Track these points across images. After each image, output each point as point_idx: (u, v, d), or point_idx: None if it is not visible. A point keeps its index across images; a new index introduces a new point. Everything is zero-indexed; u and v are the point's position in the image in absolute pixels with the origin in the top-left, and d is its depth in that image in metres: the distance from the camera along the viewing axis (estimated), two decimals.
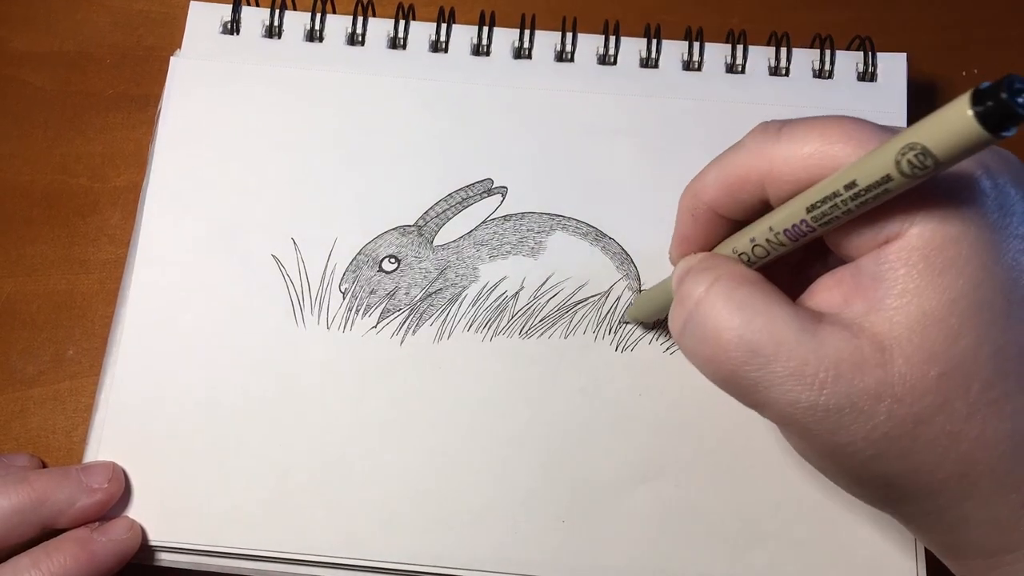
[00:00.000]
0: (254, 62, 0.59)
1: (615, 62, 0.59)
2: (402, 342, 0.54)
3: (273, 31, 0.60)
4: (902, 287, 0.37)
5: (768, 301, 0.39)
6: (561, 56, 0.60)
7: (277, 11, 0.60)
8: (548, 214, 0.56)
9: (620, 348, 0.54)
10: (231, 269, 0.55)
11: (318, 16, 0.60)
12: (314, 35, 0.60)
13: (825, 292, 0.40)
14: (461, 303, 0.55)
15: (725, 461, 0.52)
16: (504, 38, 0.60)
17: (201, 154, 0.57)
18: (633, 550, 0.51)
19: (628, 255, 0.55)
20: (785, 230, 0.40)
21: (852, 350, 0.37)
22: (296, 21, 0.60)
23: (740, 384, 0.40)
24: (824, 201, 0.37)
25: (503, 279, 0.55)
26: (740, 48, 0.59)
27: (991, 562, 0.40)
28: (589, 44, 0.60)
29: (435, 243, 0.55)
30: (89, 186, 0.60)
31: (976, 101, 0.31)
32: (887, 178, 0.34)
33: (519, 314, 0.54)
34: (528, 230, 0.56)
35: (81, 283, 0.58)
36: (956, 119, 0.32)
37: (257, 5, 0.61)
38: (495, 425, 0.52)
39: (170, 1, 0.65)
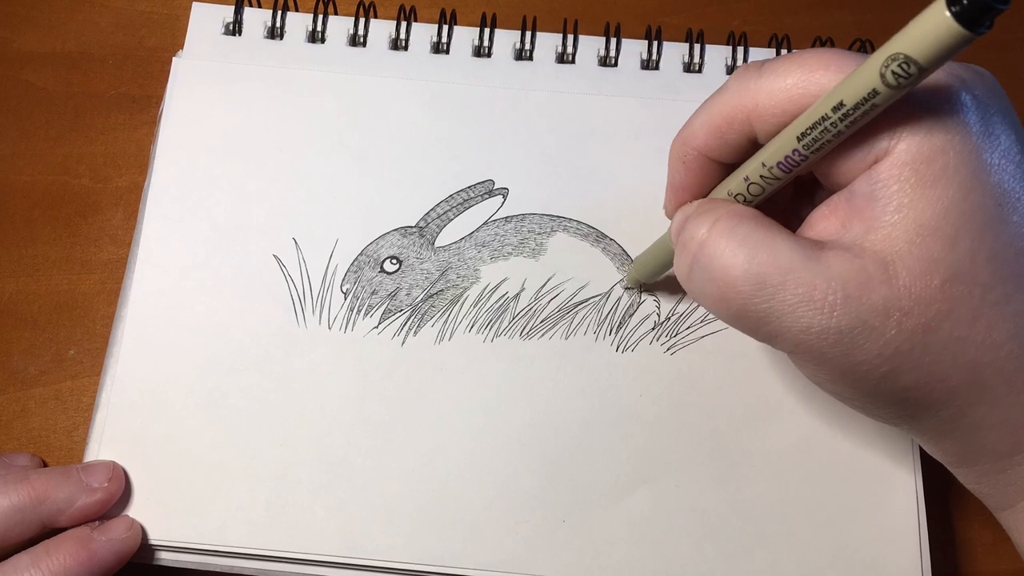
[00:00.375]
0: (256, 63, 0.58)
1: (616, 64, 0.58)
2: (403, 343, 0.53)
3: (275, 32, 0.59)
4: (896, 202, 0.37)
5: (770, 234, 0.40)
6: (562, 58, 0.59)
7: (279, 12, 0.59)
8: (549, 215, 0.55)
9: (621, 349, 0.53)
10: (233, 269, 0.54)
11: (320, 17, 0.60)
12: (316, 36, 0.59)
13: (822, 222, 0.41)
14: (462, 304, 0.54)
15: (726, 461, 0.51)
16: (505, 40, 0.59)
17: (203, 154, 0.56)
18: (634, 550, 0.50)
19: (629, 256, 0.55)
20: (778, 163, 0.40)
21: (857, 270, 0.37)
22: (298, 22, 0.60)
23: (752, 318, 0.40)
24: (813, 127, 0.37)
25: (504, 280, 0.54)
26: (741, 50, 0.59)
27: (1001, 464, 0.41)
28: (590, 46, 0.59)
29: (436, 244, 0.55)
30: (91, 186, 0.59)
31: (951, 2, 0.31)
32: (873, 92, 0.35)
33: (520, 315, 0.53)
34: (529, 231, 0.55)
35: (82, 283, 0.57)
36: (934, 22, 0.32)
37: (259, 6, 0.60)
38: (496, 425, 0.51)
39: (172, 2, 0.64)
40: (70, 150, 0.60)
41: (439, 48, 0.59)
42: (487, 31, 0.59)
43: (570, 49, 0.59)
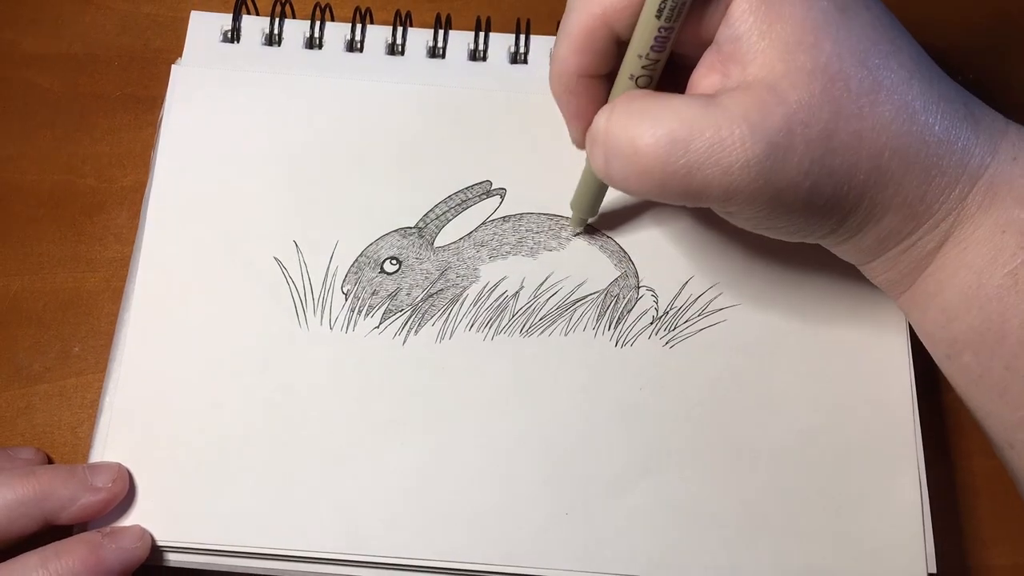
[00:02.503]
0: (254, 69, 0.54)
1: None
2: (404, 342, 0.49)
3: (273, 39, 0.55)
4: (758, 31, 0.38)
5: (664, 99, 0.40)
6: None
7: (277, 19, 0.55)
8: (546, 214, 0.51)
9: (620, 344, 0.49)
10: (234, 272, 0.50)
11: (317, 24, 0.55)
12: (313, 42, 0.55)
13: (704, 80, 0.41)
14: (462, 303, 0.50)
15: (728, 453, 0.47)
16: (500, 43, 0.56)
17: (203, 160, 0.52)
18: (637, 543, 0.46)
19: (626, 253, 0.51)
20: (651, 47, 0.40)
21: (751, 100, 0.38)
22: (295, 29, 0.55)
23: (675, 179, 0.39)
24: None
25: (503, 279, 0.50)
26: None
27: (904, 244, 0.42)
28: None
29: (436, 244, 0.51)
30: (96, 186, 0.55)
31: None
32: None
33: (519, 313, 0.49)
34: (527, 230, 0.51)
35: (87, 281, 0.53)
36: None
37: (257, 13, 0.56)
38: (498, 422, 0.47)
39: (177, 5, 0.59)
40: (75, 150, 0.56)
41: (435, 52, 0.55)
42: (482, 35, 0.55)
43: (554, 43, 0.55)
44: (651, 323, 0.49)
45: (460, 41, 0.55)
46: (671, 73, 0.43)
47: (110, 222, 0.54)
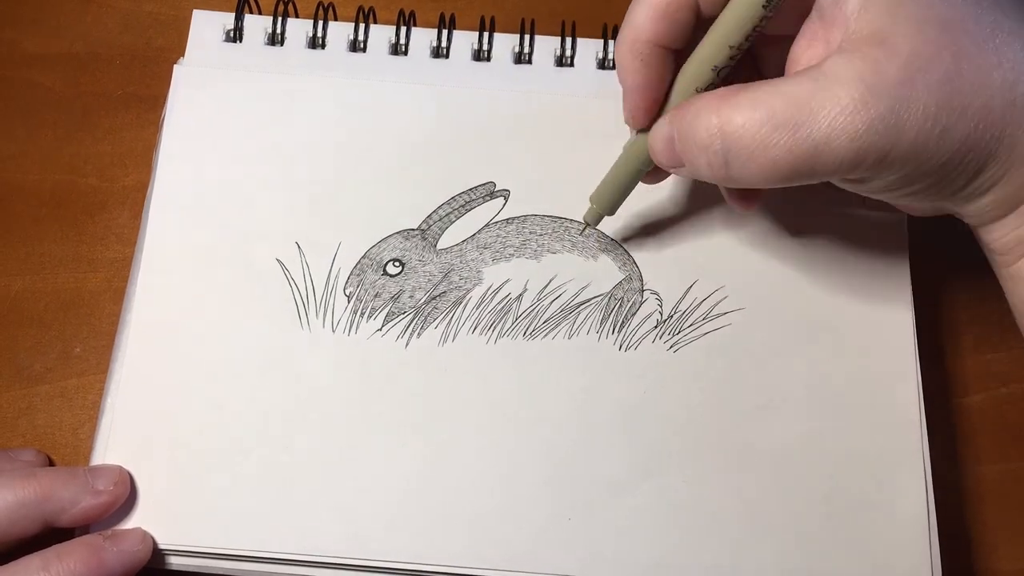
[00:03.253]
0: (257, 69, 0.54)
1: (614, 66, 0.53)
2: (407, 344, 0.48)
3: (275, 38, 0.55)
4: None
5: (770, 85, 0.38)
6: (561, 60, 0.54)
7: (279, 19, 0.55)
8: (551, 216, 0.51)
9: (624, 347, 0.48)
10: (236, 274, 0.49)
11: (320, 23, 0.55)
12: (316, 42, 0.55)
13: (806, 52, 0.40)
14: (465, 306, 0.49)
15: (730, 455, 0.47)
16: (504, 43, 0.55)
17: (205, 160, 0.51)
18: (640, 546, 0.45)
19: (630, 256, 0.50)
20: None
21: (861, 60, 0.36)
22: (298, 28, 0.55)
23: (804, 161, 0.37)
24: None
25: (507, 281, 0.49)
26: None
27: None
28: (588, 48, 0.55)
29: (439, 247, 0.50)
30: (98, 185, 0.55)
31: None
32: None
33: (523, 316, 0.49)
34: (531, 233, 0.50)
35: (89, 281, 0.52)
36: None
37: (259, 13, 0.55)
38: (500, 425, 0.47)
39: (179, 4, 0.59)
40: (77, 149, 0.55)
41: (439, 52, 0.55)
42: (486, 35, 0.55)
43: (568, 51, 0.54)
44: (655, 327, 0.49)
45: (464, 41, 0.55)
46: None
47: (112, 222, 0.54)
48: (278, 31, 0.55)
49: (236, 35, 0.54)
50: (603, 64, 0.54)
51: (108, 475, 0.45)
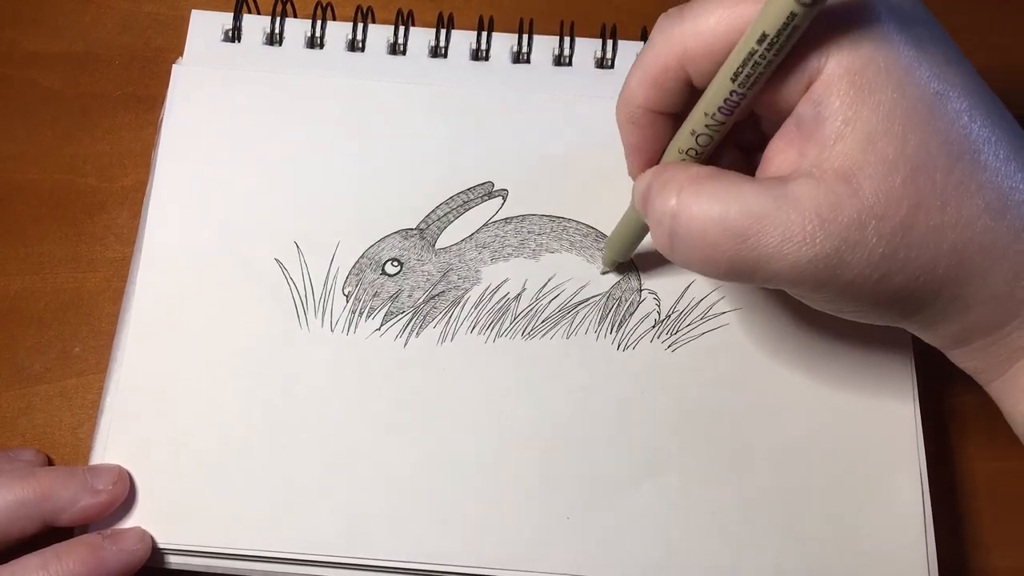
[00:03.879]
0: (256, 69, 0.53)
1: (612, 65, 0.54)
2: (406, 344, 0.48)
3: (274, 38, 0.54)
4: (842, 116, 0.36)
5: (735, 185, 0.38)
6: (559, 60, 0.54)
7: (278, 18, 0.54)
8: (549, 216, 0.50)
9: (622, 347, 0.48)
10: (234, 273, 0.49)
11: (318, 23, 0.54)
12: (314, 42, 0.54)
13: (779, 156, 0.39)
14: (464, 305, 0.49)
15: (729, 455, 0.47)
16: (502, 43, 0.54)
17: (204, 160, 0.51)
18: (638, 545, 0.45)
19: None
20: (719, 108, 0.38)
21: (824, 193, 0.36)
22: (297, 28, 0.54)
23: (742, 269, 0.38)
24: (744, 64, 0.36)
25: (505, 281, 0.49)
26: None
27: (993, 337, 0.40)
28: (586, 48, 0.54)
29: (437, 246, 0.50)
30: (97, 185, 0.54)
31: None
32: (792, 16, 0.33)
33: (521, 315, 0.49)
34: (529, 232, 0.50)
35: (88, 281, 0.52)
36: None
37: (258, 13, 0.55)
38: (499, 425, 0.47)
39: (178, 4, 0.58)
40: (76, 149, 0.55)
41: (437, 52, 0.54)
42: (484, 34, 0.54)
43: (566, 51, 0.54)
44: (653, 326, 0.49)
45: (462, 40, 0.54)
46: (748, 132, 0.43)
47: (111, 222, 0.53)
48: (276, 31, 0.54)
49: (234, 35, 0.54)
50: (601, 64, 0.54)
51: (107, 474, 0.44)
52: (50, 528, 0.44)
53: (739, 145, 0.44)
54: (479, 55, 0.54)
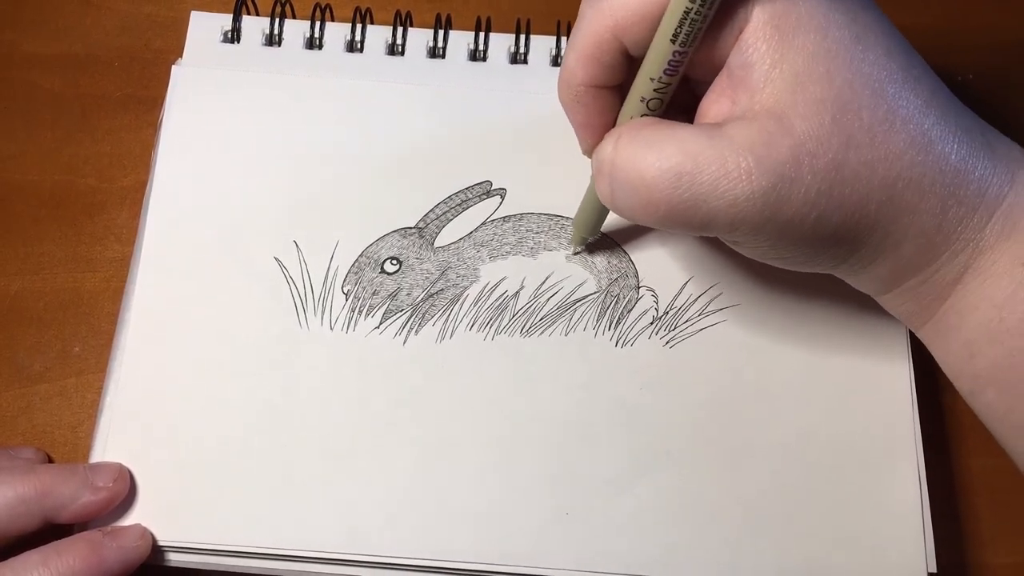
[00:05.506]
0: (255, 70, 0.53)
1: None
2: (405, 342, 0.48)
3: (273, 39, 0.54)
4: (769, 60, 0.37)
5: (670, 129, 0.38)
6: (556, 60, 0.54)
7: (277, 20, 0.54)
8: (547, 214, 0.50)
9: (620, 344, 0.48)
10: (234, 273, 0.49)
11: (317, 24, 0.54)
12: (313, 43, 0.54)
13: (713, 107, 0.40)
14: (463, 303, 0.48)
15: (728, 451, 0.46)
16: (500, 43, 0.54)
17: (203, 160, 0.51)
18: (637, 541, 0.45)
19: (626, 253, 0.50)
20: (664, 71, 0.38)
21: (757, 131, 0.37)
22: (296, 29, 0.54)
23: (681, 211, 0.38)
24: (681, 23, 0.36)
25: (503, 279, 0.49)
26: None
27: (922, 276, 0.41)
28: None
29: (436, 245, 0.49)
30: (96, 186, 0.54)
31: None
32: None
33: (520, 313, 0.48)
34: (527, 230, 0.50)
35: (88, 281, 0.52)
36: None
37: (257, 14, 0.55)
38: (498, 422, 0.46)
39: (177, 5, 0.58)
40: (76, 150, 0.55)
41: (435, 52, 0.54)
42: (482, 35, 0.54)
43: (563, 50, 0.53)
44: (651, 323, 0.48)
45: (460, 41, 0.54)
46: (685, 95, 0.42)
47: (110, 222, 0.53)
48: (275, 32, 0.54)
49: (234, 36, 0.54)
50: None
51: (108, 471, 0.44)
52: (51, 525, 0.43)
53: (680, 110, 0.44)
54: (477, 56, 0.54)
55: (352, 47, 0.54)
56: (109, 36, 0.58)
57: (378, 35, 0.54)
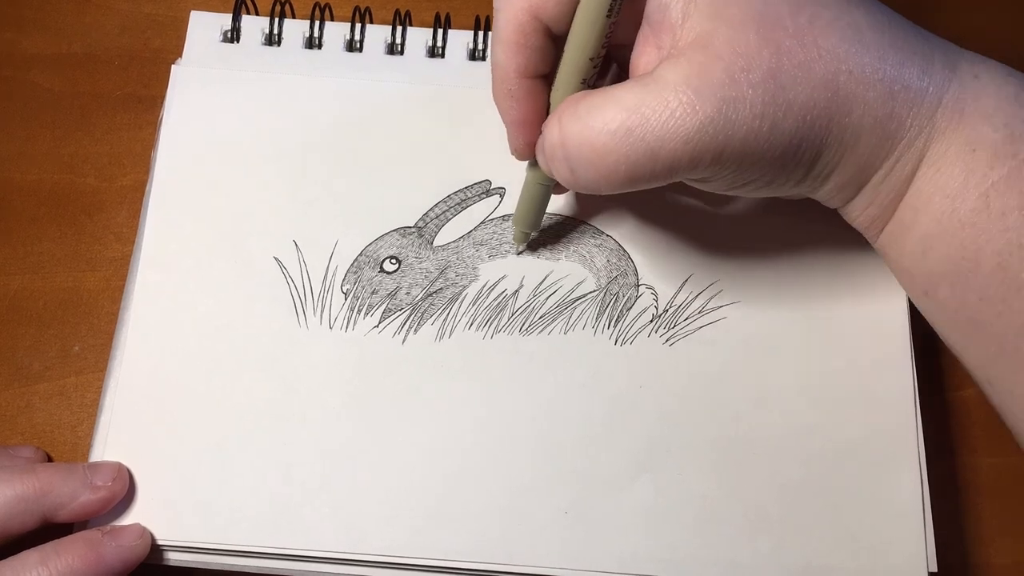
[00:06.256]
0: (254, 69, 0.52)
1: None
2: (404, 341, 0.47)
3: (272, 39, 0.53)
4: None
5: (605, 94, 0.38)
6: None
7: (276, 19, 0.54)
8: (545, 213, 0.49)
9: (620, 342, 0.47)
10: (234, 272, 0.48)
11: (316, 24, 0.54)
12: (313, 42, 0.54)
13: (640, 59, 0.40)
14: (462, 302, 0.48)
15: (727, 448, 0.46)
16: None
17: (203, 160, 0.50)
18: (637, 539, 0.44)
19: (625, 251, 0.49)
20: (603, 45, 0.39)
21: (687, 64, 0.37)
22: (295, 29, 0.54)
23: (641, 165, 0.38)
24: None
25: (503, 278, 0.49)
26: None
27: (882, 172, 0.41)
28: None
29: (435, 244, 0.49)
30: (96, 185, 0.54)
31: None
32: None
33: (519, 312, 0.48)
34: None
35: (87, 280, 0.51)
36: None
37: (256, 13, 0.54)
38: (497, 421, 0.46)
39: (176, 5, 0.58)
40: (76, 149, 0.54)
41: (434, 52, 0.54)
42: (480, 34, 0.54)
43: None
44: (651, 321, 0.48)
45: (459, 40, 0.54)
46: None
47: (110, 221, 0.53)
48: (275, 31, 0.53)
49: (233, 36, 0.53)
50: None
51: (107, 470, 0.44)
52: (50, 524, 0.43)
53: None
54: (475, 55, 0.53)
55: (352, 46, 0.54)
56: (109, 36, 0.57)
57: (377, 34, 0.54)
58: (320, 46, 0.54)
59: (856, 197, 0.42)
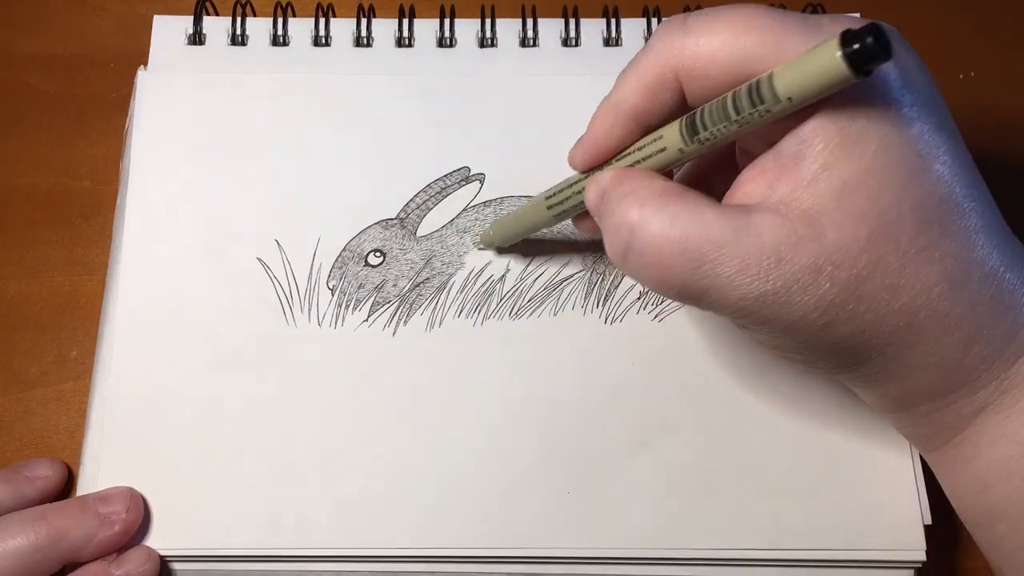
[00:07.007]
0: (222, 70, 0.36)
1: (578, 43, 0.37)
2: (394, 333, 0.33)
3: (237, 39, 0.37)
4: (822, 161, 0.24)
5: (698, 209, 0.26)
6: (524, 42, 0.37)
7: (239, 19, 0.37)
8: (526, 197, 0.35)
9: (609, 320, 0.33)
10: (217, 278, 0.33)
11: (280, 21, 0.37)
12: (279, 40, 0.37)
13: (750, 183, 0.27)
14: (449, 290, 0.33)
15: (724, 421, 0.32)
16: (468, 28, 0.38)
17: (177, 166, 0.35)
18: (639, 515, 0.31)
19: None
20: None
21: (787, 232, 0.25)
22: (260, 27, 0.37)
23: (692, 293, 0.26)
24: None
25: (488, 264, 0.34)
26: None
27: (935, 404, 0.28)
28: (552, 28, 0.38)
29: (418, 234, 0.34)
30: (92, 188, 0.38)
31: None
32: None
33: (507, 296, 0.33)
34: (508, 214, 0.34)
35: (84, 284, 0.36)
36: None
37: (217, 14, 0.38)
38: (493, 406, 0.32)
39: (172, 6, 0.41)
40: (71, 152, 0.39)
41: (402, 42, 0.38)
42: (447, 21, 0.38)
43: (531, 33, 0.38)
44: (638, 298, 0.34)
45: (427, 29, 0.38)
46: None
47: (106, 225, 0.36)
48: (239, 31, 0.37)
49: (197, 38, 0.37)
50: (566, 43, 0.37)
51: (119, 501, 0.30)
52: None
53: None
54: (444, 42, 0.38)
55: (318, 41, 0.38)
56: (104, 37, 0.41)
57: (344, 28, 0.38)
58: (286, 43, 0.37)
59: (900, 414, 0.29)
